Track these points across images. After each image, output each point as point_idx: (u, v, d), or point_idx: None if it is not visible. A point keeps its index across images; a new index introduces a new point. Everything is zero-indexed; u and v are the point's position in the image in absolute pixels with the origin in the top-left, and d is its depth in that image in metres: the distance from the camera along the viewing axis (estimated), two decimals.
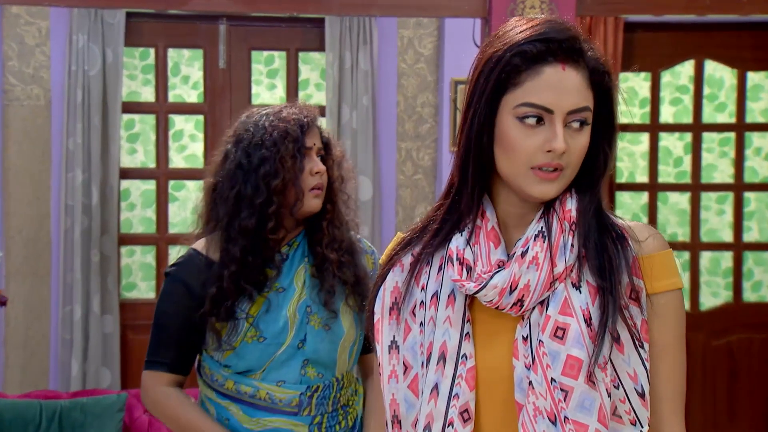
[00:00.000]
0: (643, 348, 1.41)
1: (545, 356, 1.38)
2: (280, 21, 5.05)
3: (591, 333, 1.38)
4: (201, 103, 5.11)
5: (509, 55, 1.40)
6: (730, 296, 5.33)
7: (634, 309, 1.41)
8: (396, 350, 1.51)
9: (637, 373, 1.41)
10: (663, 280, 1.45)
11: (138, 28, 4.99)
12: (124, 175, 5.03)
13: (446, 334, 1.45)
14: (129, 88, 5.07)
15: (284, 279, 2.32)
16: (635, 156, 5.32)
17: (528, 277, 1.41)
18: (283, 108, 2.34)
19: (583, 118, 1.41)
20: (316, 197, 2.30)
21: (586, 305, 1.40)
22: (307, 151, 2.30)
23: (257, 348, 2.26)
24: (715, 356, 5.23)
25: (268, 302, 2.28)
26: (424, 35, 5.06)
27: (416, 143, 5.08)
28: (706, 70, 5.24)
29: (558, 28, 1.41)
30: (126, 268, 5.12)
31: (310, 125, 2.32)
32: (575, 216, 1.44)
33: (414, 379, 1.49)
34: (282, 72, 5.16)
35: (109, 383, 4.83)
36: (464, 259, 1.45)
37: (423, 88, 5.07)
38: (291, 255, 2.34)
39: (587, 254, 1.42)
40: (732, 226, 5.32)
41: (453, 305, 1.46)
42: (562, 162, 1.40)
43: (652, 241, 1.46)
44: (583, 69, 1.41)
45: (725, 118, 5.30)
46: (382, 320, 1.53)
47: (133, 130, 5.13)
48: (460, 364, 1.44)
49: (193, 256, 2.31)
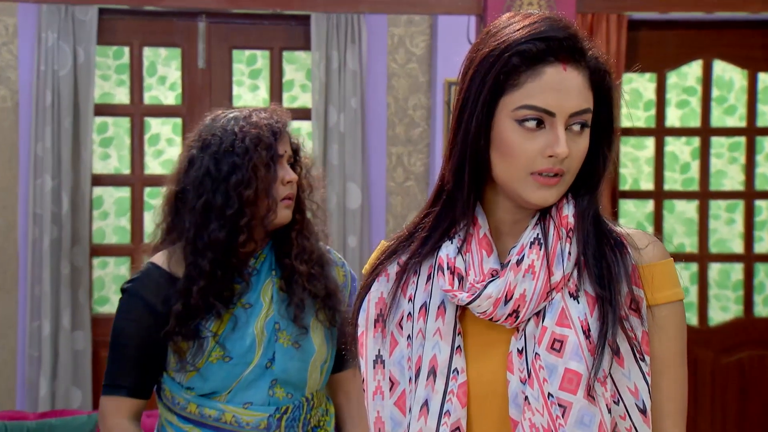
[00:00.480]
0: (644, 361, 1.43)
1: (542, 370, 1.39)
2: (263, 18, 5.06)
3: (590, 345, 1.39)
4: (179, 106, 5.12)
5: (507, 54, 1.41)
6: (740, 311, 5.35)
7: (634, 320, 1.43)
8: (381, 365, 1.51)
9: (638, 388, 1.42)
10: (664, 291, 1.46)
11: (111, 25, 4.99)
12: (97, 182, 5.03)
13: (436, 348, 1.45)
14: (102, 89, 5.07)
15: (251, 294, 2.31)
16: (640, 162, 5.34)
17: (524, 286, 1.42)
18: (252, 112, 2.33)
19: (585, 120, 1.42)
20: (287, 208, 2.30)
21: (584, 316, 1.41)
22: (280, 159, 2.30)
23: (223, 368, 2.25)
24: (725, 374, 5.25)
25: (234, 319, 2.27)
26: (416, 33, 5.08)
27: (407, 148, 5.09)
28: (714, 71, 5.27)
29: (558, 26, 1.42)
30: (98, 281, 5.12)
31: (282, 131, 2.32)
32: (573, 222, 1.45)
33: (401, 395, 1.49)
34: (265, 72, 5.17)
35: (79, 404, 4.82)
36: (455, 268, 1.46)
37: (415, 89, 5.09)
38: (258, 268, 2.33)
39: (586, 262, 1.43)
40: (742, 236, 5.34)
41: (443, 317, 1.46)
42: (563, 167, 1.42)
43: (652, 249, 1.48)
44: (584, 69, 1.43)
45: (735, 122, 5.33)
46: (366, 333, 1.53)
47: (106, 133, 5.13)
48: (452, 379, 1.44)
49: (152, 271, 2.29)
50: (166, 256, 2.30)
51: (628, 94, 5.29)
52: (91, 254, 4.98)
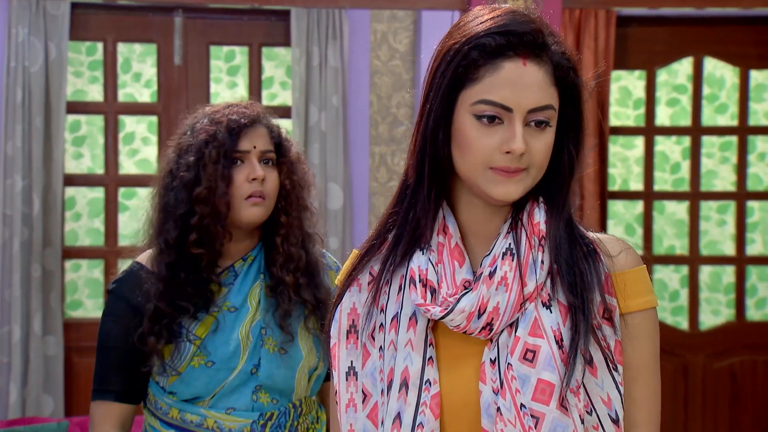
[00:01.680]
0: (617, 371, 1.45)
1: (514, 380, 1.41)
2: (241, 13, 5.07)
3: (563, 355, 1.42)
4: (154, 103, 5.13)
5: (467, 48, 1.43)
6: (732, 314, 5.38)
7: (607, 329, 1.45)
8: (354, 377, 1.53)
9: (611, 398, 1.44)
10: (637, 299, 1.49)
11: (84, 20, 4.99)
12: (69, 182, 5.03)
13: (408, 359, 1.47)
14: (74, 87, 5.08)
15: (236, 297, 2.32)
16: (629, 161, 5.37)
17: (497, 299, 1.44)
18: (223, 108, 2.35)
19: (546, 117, 1.44)
20: (255, 206, 2.29)
21: (557, 325, 1.43)
22: (242, 155, 2.30)
23: (205, 373, 2.26)
24: (716, 380, 5.28)
25: (217, 323, 2.28)
26: (400, 29, 5.10)
27: (391, 147, 5.11)
28: (705, 68, 5.31)
29: (520, 20, 1.44)
30: (71, 284, 5.12)
31: (248, 126, 2.32)
32: (544, 229, 1.47)
33: (373, 408, 1.51)
34: (244, 69, 5.18)
35: (51, 411, 4.82)
36: (428, 280, 1.48)
37: (398, 87, 5.11)
38: (245, 270, 2.34)
39: (558, 270, 1.46)
40: (734, 238, 5.37)
41: (414, 328, 1.48)
42: (521, 165, 1.43)
43: (625, 256, 1.50)
44: (546, 64, 1.44)
45: (726, 121, 5.36)
46: (339, 344, 1.55)
47: (79, 132, 5.14)
48: (424, 391, 1.46)
49: (135, 270, 2.32)
50: (150, 255, 2.33)
51: (617, 93, 5.33)
52: (63, 257, 4.98)
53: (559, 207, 1.49)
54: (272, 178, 2.33)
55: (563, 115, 1.47)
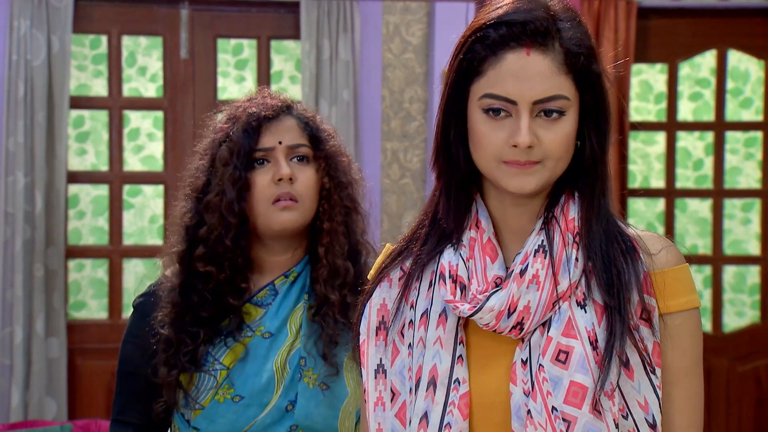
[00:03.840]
0: (655, 374, 1.43)
1: (546, 382, 1.40)
2: (249, 5, 5.07)
3: (597, 357, 1.40)
4: (160, 98, 5.12)
5: (471, 40, 1.43)
6: (757, 316, 5.36)
7: (645, 330, 1.43)
8: (383, 375, 1.52)
9: (648, 402, 1.42)
10: (678, 299, 1.46)
11: (88, 12, 4.98)
12: (73, 179, 5.02)
13: (436, 357, 1.46)
14: (78, 81, 5.07)
15: (272, 321, 2.05)
16: (650, 158, 5.35)
17: (528, 297, 1.43)
18: (245, 100, 2.12)
19: (557, 107, 1.42)
20: (285, 210, 2.02)
21: (592, 326, 1.42)
22: (266, 153, 2.04)
23: (231, 409, 2.01)
24: (741, 383, 5.27)
25: (247, 351, 2.02)
26: (412, 22, 5.08)
27: (403, 143, 5.10)
28: (729, 62, 5.28)
29: (525, 8, 1.42)
30: (74, 285, 5.12)
31: (271, 119, 2.06)
32: (579, 225, 1.46)
33: (402, 407, 1.50)
34: (252, 62, 5.17)
35: (54, 415, 4.82)
36: (458, 276, 1.47)
37: (411, 81, 5.09)
38: (286, 289, 2.07)
39: (593, 268, 1.44)
40: (759, 237, 5.35)
41: (444, 325, 1.47)
42: (532, 158, 1.42)
43: (666, 254, 1.48)
44: (554, 52, 1.42)
45: (751, 116, 5.34)
46: (368, 341, 1.55)
47: (83, 128, 5.13)
48: (452, 390, 1.45)
49: (161, 284, 2.08)
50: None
51: (638, 87, 5.31)
52: (67, 256, 4.97)
53: (593, 201, 1.47)
54: (306, 177, 2.05)
55: (584, 102, 1.45)
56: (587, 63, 1.44)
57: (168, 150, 5.08)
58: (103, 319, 5.11)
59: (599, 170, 1.48)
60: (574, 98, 1.43)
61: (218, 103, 5.08)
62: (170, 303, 2.03)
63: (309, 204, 2.05)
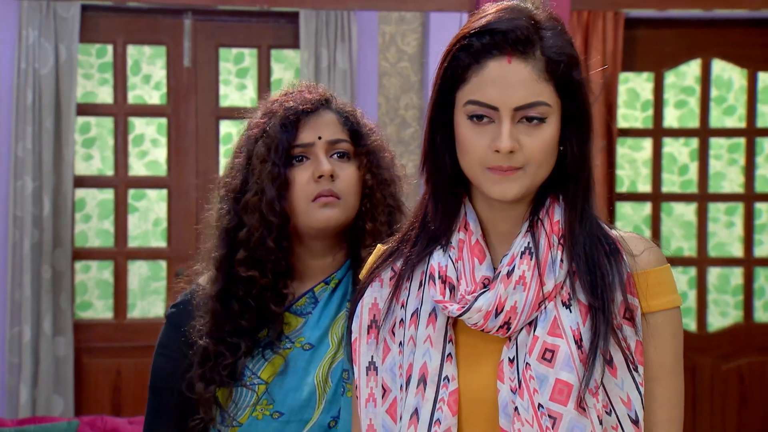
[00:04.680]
0: (638, 371, 1.44)
1: (532, 380, 1.41)
2: (250, 15, 5.07)
3: (581, 355, 1.41)
4: (164, 105, 5.13)
5: (455, 49, 1.44)
6: (740, 316, 5.37)
7: (628, 329, 1.44)
8: (374, 372, 1.53)
9: (631, 399, 1.43)
10: (660, 298, 1.47)
11: (94, 22, 4.99)
12: (79, 184, 5.03)
13: (426, 355, 1.46)
14: (84, 89, 5.08)
15: (313, 331, 1.89)
16: (637, 163, 5.36)
17: (515, 298, 1.43)
18: (281, 95, 1.95)
19: (538, 113, 1.42)
20: (326, 207, 1.85)
21: (576, 325, 1.42)
22: (305, 149, 1.88)
23: (271, 426, 1.85)
24: (725, 381, 5.27)
25: (287, 363, 1.86)
26: (408, 31, 5.09)
27: (399, 149, 5.10)
28: (713, 70, 5.30)
29: (507, 17, 1.43)
30: (81, 285, 5.12)
31: (310, 113, 1.89)
32: (563, 228, 1.46)
33: (393, 403, 1.51)
34: (253, 71, 5.17)
35: (61, 412, 4.82)
36: (447, 277, 1.47)
37: (406, 88, 5.10)
38: (327, 296, 1.90)
39: (578, 270, 1.44)
40: (742, 240, 5.37)
41: (434, 324, 1.48)
42: (514, 163, 1.42)
43: (648, 255, 1.48)
44: (535, 60, 1.42)
45: (734, 123, 5.36)
46: (360, 339, 1.55)
47: (89, 134, 5.14)
48: (442, 387, 1.45)
49: (195, 293, 1.92)
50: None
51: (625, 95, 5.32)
52: (73, 258, 4.98)
53: (576, 204, 1.48)
54: (347, 174, 1.88)
55: (566, 109, 1.45)
56: (567, 70, 1.44)
57: (171, 155, 5.09)
58: (108, 318, 5.12)
59: (582, 175, 1.48)
60: (556, 105, 1.44)
61: (219, 109, 5.09)
62: (209, 312, 1.86)
63: (351, 202, 1.87)
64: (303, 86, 1.95)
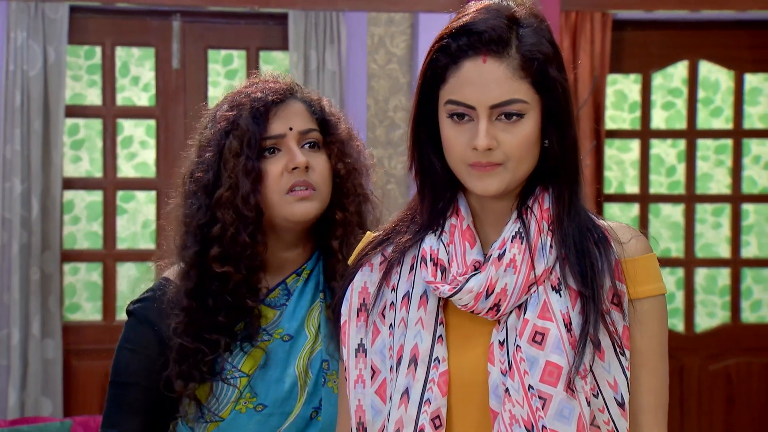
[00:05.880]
0: (624, 356, 1.48)
1: (523, 362, 1.45)
2: (239, 17, 5.09)
3: (571, 339, 1.45)
4: (152, 107, 5.15)
5: (435, 50, 1.49)
6: (727, 317, 5.42)
7: (615, 314, 1.48)
8: (363, 354, 1.57)
9: (618, 382, 1.48)
10: (646, 285, 1.52)
11: (83, 24, 5.01)
12: (68, 186, 5.04)
13: (418, 337, 1.50)
14: (73, 90, 5.10)
15: (290, 322, 1.89)
16: (624, 164, 5.41)
17: (505, 280, 1.47)
18: (246, 86, 1.92)
19: (515, 110, 1.46)
20: (303, 200, 1.84)
21: (566, 309, 1.47)
22: (276, 141, 1.86)
23: (254, 419, 1.84)
24: (712, 382, 5.30)
25: (267, 356, 1.85)
26: (397, 33, 5.13)
27: (388, 150, 5.14)
28: (700, 72, 5.35)
29: (483, 18, 1.46)
30: (69, 288, 5.14)
31: (279, 102, 1.87)
32: (552, 215, 1.51)
33: (382, 384, 1.55)
34: (241, 73, 5.19)
35: (50, 413, 4.81)
36: (438, 259, 1.51)
37: (395, 90, 5.14)
38: (300, 288, 1.91)
39: (567, 257, 1.49)
40: (729, 241, 5.41)
41: (425, 306, 1.52)
42: (493, 159, 1.47)
43: (635, 243, 1.54)
44: (509, 59, 1.46)
45: (721, 124, 5.41)
46: (349, 322, 1.59)
47: (78, 136, 5.17)
48: (432, 368, 1.49)
49: (164, 287, 1.89)
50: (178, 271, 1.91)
51: (613, 96, 5.38)
52: (62, 260, 4.98)
53: (563, 196, 1.52)
54: (320, 164, 1.88)
55: (546, 104, 1.49)
56: (542, 67, 1.47)
57: (160, 157, 5.11)
58: (97, 321, 5.13)
59: (566, 168, 1.52)
60: (534, 101, 1.48)
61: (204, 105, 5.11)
62: (183, 309, 1.84)
63: (326, 192, 1.88)
64: (267, 76, 1.94)
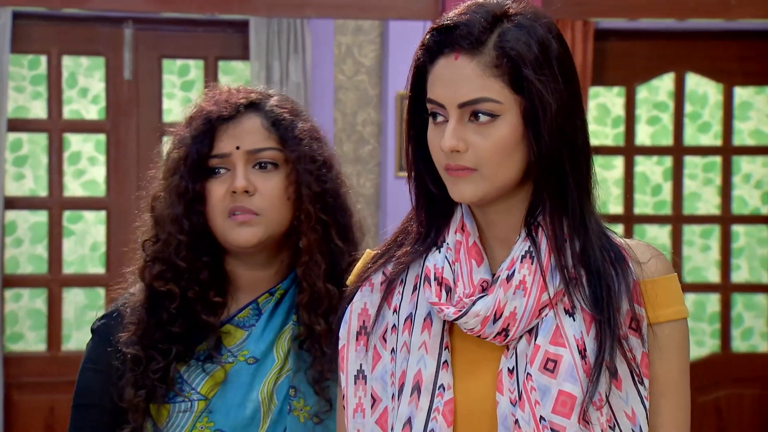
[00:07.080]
0: (643, 384, 1.45)
1: (534, 391, 1.41)
2: (196, 25, 5.09)
3: (585, 366, 1.41)
4: (102, 120, 5.13)
5: (418, 49, 1.49)
6: (717, 345, 5.42)
7: (634, 340, 1.45)
8: (363, 380, 1.54)
9: (636, 413, 1.44)
10: (667, 308, 1.49)
11: (27, 31, 4.99)
12: (10, 205, 5.03)
13: (421, 362, 1.47)
14: (16, 103, 5.08)
15: (257, 344, 1.87)
16: (608, 183, 5.41)
17: (514, 303, 1.44)
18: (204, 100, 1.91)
19: (486, 110, 1.43)
20: (243, 225, 1.83)
21: (580, 334, 1.43)
22: (220, 160, 1.85)
23: None
24: (701, 415, 5.30)
25: (228, 378, 1.84)
26: (365, 42, 5.12)
27: (356, 167, 5.12)
28: (687, 85, 5.37)
29: (463, 13, 1.45)
30: (11, 315, 5.09)
31: (229, 119, 1.85)
32: (566, 232, 1.47)
33: (383, 413, 1.52)
34: (199, 84, 5.18)
35: None
36: (443, 278, 1.48)
37: (364, 103, 5.13)
38: (271, 309, 1.89)
39: (580, 277, 1.45)
40: (719, 265, 5.42)
41: (429, 329, 1.48)
42: (463, 163, 1.44)
43: (655, 263, 1.51)
44: (482, 56, 1.43)
45: (710, 140, 5.42)
46: (348, 346, 1.56)
47: (21, 151, 5.13)
48: (437, 396, 1.46)
49: (126, 303, 1.91)
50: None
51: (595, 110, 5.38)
52: (3, 285, 4.96)
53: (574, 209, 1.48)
54: (269, 187, 1.84)
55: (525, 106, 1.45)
56: (515, 65, 1.43)
57: (110, 175, 5.09)
58: (41, 351, 5.09)
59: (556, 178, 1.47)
60: (509, 101, 1.44)
61: (163, 125, 5.09)
62: (136, 321, 1.85)
63: (273, 217, 1.84)
64: (237, 87, 1.91)
